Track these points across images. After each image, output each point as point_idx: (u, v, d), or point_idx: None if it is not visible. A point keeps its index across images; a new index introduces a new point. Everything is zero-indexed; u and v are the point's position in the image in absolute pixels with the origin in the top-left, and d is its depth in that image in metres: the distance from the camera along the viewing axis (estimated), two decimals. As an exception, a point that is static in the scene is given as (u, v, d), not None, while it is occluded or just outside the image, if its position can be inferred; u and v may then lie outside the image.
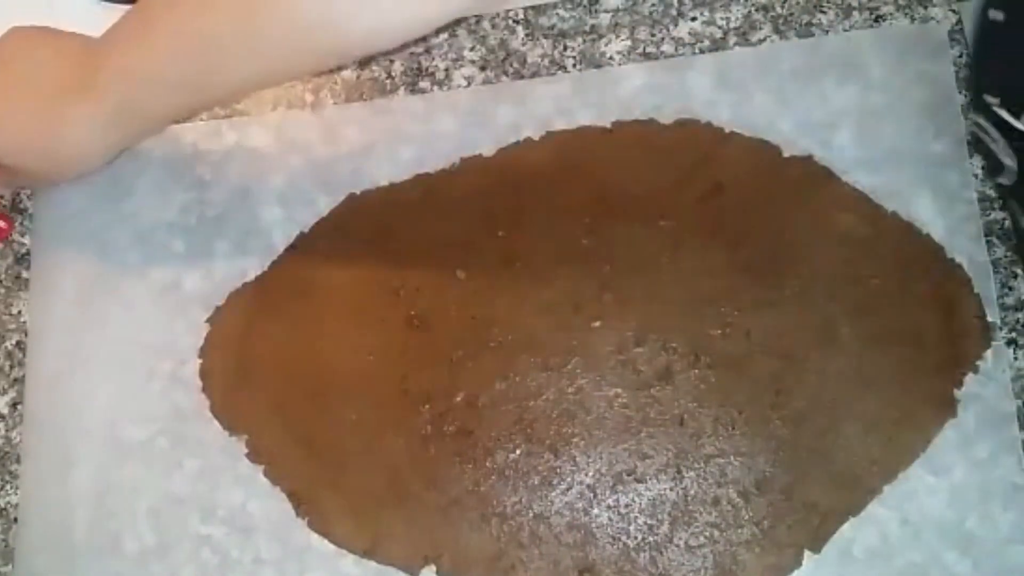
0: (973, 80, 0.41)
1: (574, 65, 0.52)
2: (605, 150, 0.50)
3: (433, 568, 0.47)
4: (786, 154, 0.49)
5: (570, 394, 0.48)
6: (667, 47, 0.52)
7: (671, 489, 0.46)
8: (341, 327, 0.50)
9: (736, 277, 0.48)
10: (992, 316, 0.46)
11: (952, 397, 0.46)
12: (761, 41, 0.51)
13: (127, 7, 0.55)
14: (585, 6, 0.53)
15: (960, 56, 0.49)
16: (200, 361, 0.51)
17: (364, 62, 0.54)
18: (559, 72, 0.52)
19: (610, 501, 0.47)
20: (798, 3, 0.51)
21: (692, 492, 0.46)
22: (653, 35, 0.52)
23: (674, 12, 0.52)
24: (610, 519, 0.47)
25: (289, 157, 0.53)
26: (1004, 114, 0.39)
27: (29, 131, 0.49)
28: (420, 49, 0.54)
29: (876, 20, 0.50)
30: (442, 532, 0.47)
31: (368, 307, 0.50)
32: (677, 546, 0.46)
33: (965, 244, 0.47)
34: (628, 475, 0.47)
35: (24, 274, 0.55)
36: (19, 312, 0.54)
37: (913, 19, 0.50)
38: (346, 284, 0.51)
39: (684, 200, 0.49)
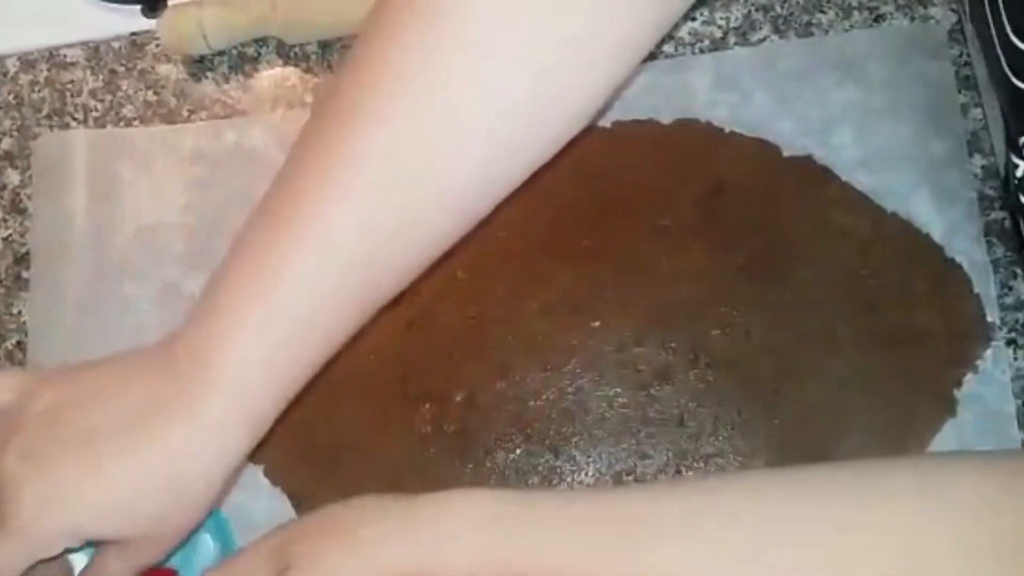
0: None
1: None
2: (605, 150, 0.50)
3: (433, 568, 0.47)
4: (786, 154, 0.49)
5: (570, 394, 0.48)
6: (667, 47, 0.52)
7: (671, 489, 0.46)
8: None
9: (736, 277, 0.48)
10: (992, 316, 0.46)
11: (952, 397, 0.46)
12: (761, 41, 0.51)
13: (126, 8, 0.56)
14: (585, 6, 0.53)
15: (960, 56, 0.49)
16: (200, 361, 0.51)
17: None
18: (559, 72, 0.52)
19: (610, 501, 0.47)
20: (798, 3, 0.51)
21: (692, 492, 0.46)
22: (653, 35, 0.52)
23: (674, 12, 0.52)
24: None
25: (289, 157, 0.53)
26: None
27: (134, 482, 0.38)
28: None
29: (876, 20, 0.50)
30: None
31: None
32: (677, 546, 0.46)
33: (965, 244, 0.47)
34: (628, 475, 0.47)
35: (24, 274, 0.55)
36: (19, 312, 0.54)
37: (913, 19, 0.50)
38: (346, 284, 0.51)
39: (684, 200, 0.49)
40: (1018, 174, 0.38)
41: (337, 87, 0.41)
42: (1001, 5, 0.36)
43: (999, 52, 0.37)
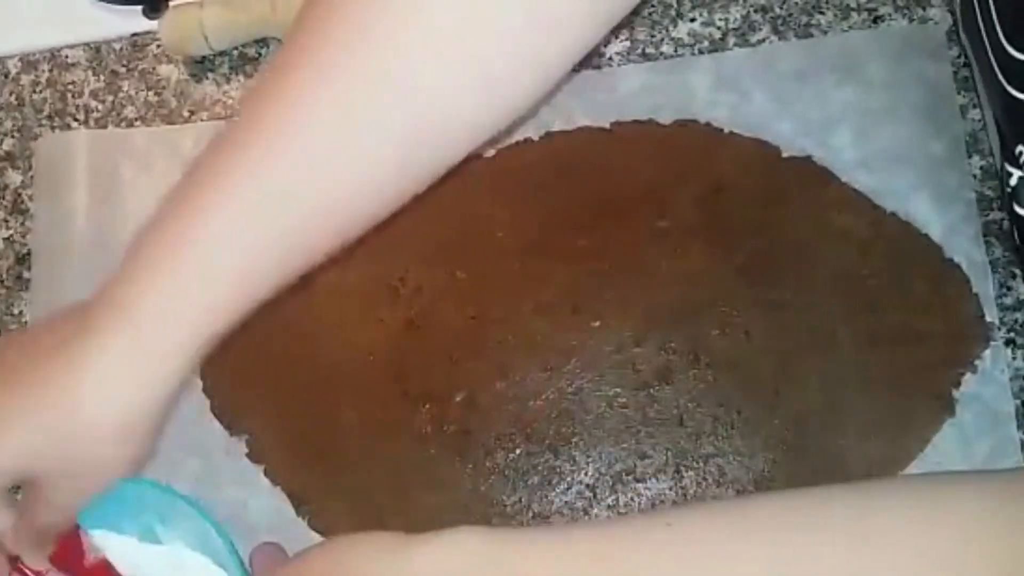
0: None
1: (573, 66, 0.52)
2: (604, 151, 0.50)
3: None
4: (785, 154, 0.49)
5: (570, 394, 0.48)
6: (666, 48, 0.52)
7: (670, 488, 0.47)
8: (341, 327, 0.50)
9: (735, 277, 0.48)
10: (991, 316, 0.46)
11: (951, 397, 0.46)
12: (760, 42, 0.51)
13: (127, 8, 0.56)
14: (585, 7, 0.53)
15: (959, 56, 0.49)
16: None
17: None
18: (559, 73, 0.52)
19: (609, 501, 0.47)
20: (797, 4, 0.51)
21: (691, 491, 0.46)
22: (652, 36, 0.52)
23: (673, 13, 0.52)
24: (610, 518, 0.47)
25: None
26: None
27: (34, 418, 0.38)
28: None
29: (875, 21, 0.50)
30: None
31: (368, 307, 0.50)
32: (676, 545, 0.46)
33: (963, 244, 0.47)
34: (627, 475, 0.47)
35: (25, 274, 0.55)
36: (20, 312, 0.54)
37: (911, 20, 0.50)
38: (346, 284, 0.51)
39: (683, 200, 0.49)
40: (1012, 183, 0.38)
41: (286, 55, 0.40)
42: (994, 14, 0.36)
43: (992, 61, 0.37)
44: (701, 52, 0.52)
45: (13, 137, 0.57)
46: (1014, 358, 0.46)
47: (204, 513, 0.45)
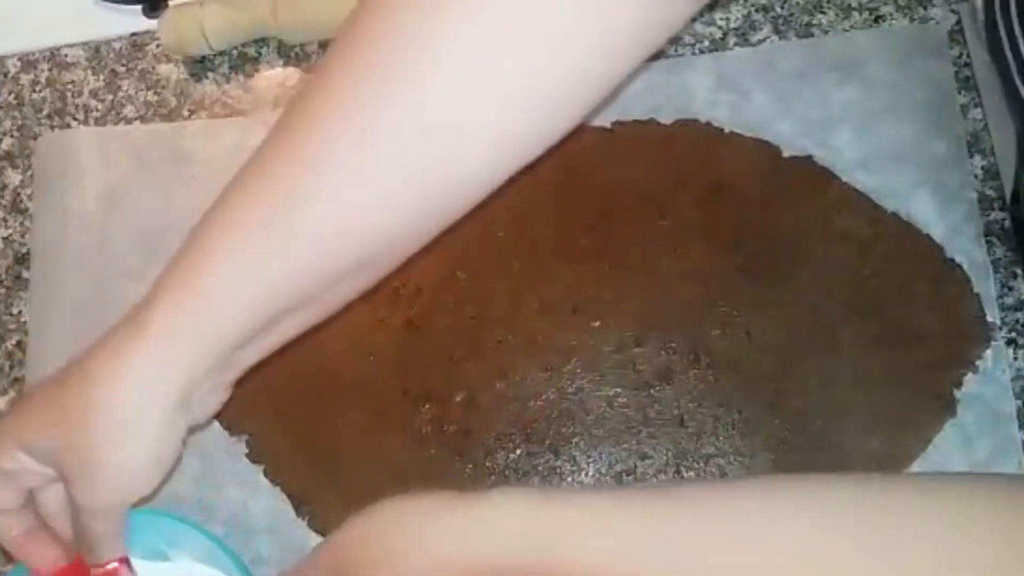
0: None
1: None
2: (605, 150, 0.50)
3: (433, 568, 0.47)
4: (786, 154, 0.49)
5: (570, 394, 0.48)
6: (667, 47, 0.52)
7: (671, 489, 0.46)
8: (341, 327, 0.50)
9: (736, 277, 0.48)
10: (992, 316, 0.46)
11: (952, 397, 0.46)
12: (761, 41, 0.51)
13: (126, 8, 0.56)
14: (585, 6, 0.53)
15: (960, 56, 0.49)
16: (200, 361, 0.51)
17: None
18: (559, 72, 0.52)
19: (610, 501, 0.47)
20: (798, 3, 0.51)
21: (692, 492, 0.46)
22: (653, 35, 0.52)
23: (674, 12, 0.52)
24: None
25: (289, 157, 0.53)
26: None
27: (54, 410, 0.41)
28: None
29: (876, 20, 0.50)
30: (442, 532, 0.47)
31: (368, 307, 0.50)
32: (677, 546, 0.46)
33: (965, 244, 0.47)
34: (628, 475, 0.47)
35: (24, 274, 0.55)
36: (19, 312, 0.54)
37: (913, 19, 0.50)
38: (346, 284, 0.51)
39: (684, 200, 0.49)
40: None
41: (329, 69, 0.40)
42: (1019, 34, 0.36)
43: (1016, 79, 0.37)
44: (701, 52, 0.51)
45: (13, 137, 0.57)
46: (1015, 358, 0.46)
47: (207, 531, 0.45)
